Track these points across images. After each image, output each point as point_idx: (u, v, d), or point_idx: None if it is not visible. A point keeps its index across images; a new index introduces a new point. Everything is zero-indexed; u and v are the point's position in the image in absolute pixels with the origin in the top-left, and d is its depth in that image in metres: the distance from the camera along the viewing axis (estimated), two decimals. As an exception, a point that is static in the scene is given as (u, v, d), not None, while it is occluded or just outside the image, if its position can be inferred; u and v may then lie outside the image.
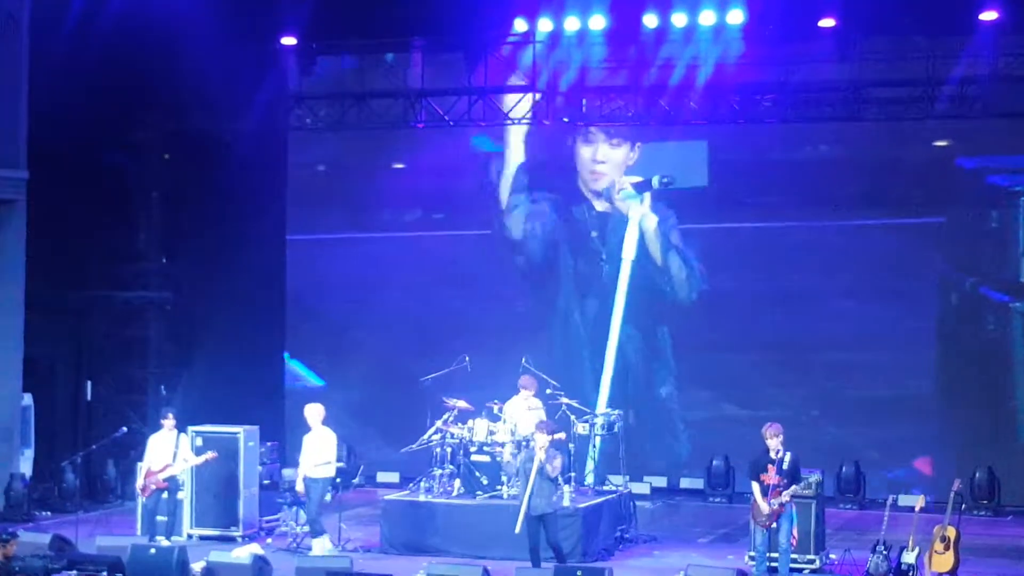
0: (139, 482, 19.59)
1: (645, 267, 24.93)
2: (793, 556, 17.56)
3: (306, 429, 19.44)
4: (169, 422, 19.48)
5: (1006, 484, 22.71)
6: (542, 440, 17.43)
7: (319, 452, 19.19)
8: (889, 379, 23.80)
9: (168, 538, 19.01)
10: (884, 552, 17.41)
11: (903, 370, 23.80)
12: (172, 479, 19.34)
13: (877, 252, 23.78)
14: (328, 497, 19.38)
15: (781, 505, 16.90)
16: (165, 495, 19.30)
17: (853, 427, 23.77)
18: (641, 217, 24.92)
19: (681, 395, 24.88)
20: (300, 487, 19.22)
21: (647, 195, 24.87)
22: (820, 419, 24.00)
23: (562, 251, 25.39)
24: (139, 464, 19.94)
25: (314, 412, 19.38)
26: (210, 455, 19.57)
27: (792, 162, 24.47)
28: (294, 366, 26.39)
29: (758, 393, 24.10)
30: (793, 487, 16.95)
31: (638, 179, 24.90)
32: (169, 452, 19.34)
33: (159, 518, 19.33)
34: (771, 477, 17.03)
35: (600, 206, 25.24)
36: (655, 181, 24.80)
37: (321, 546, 18.89)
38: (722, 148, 24.48)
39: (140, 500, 19.77)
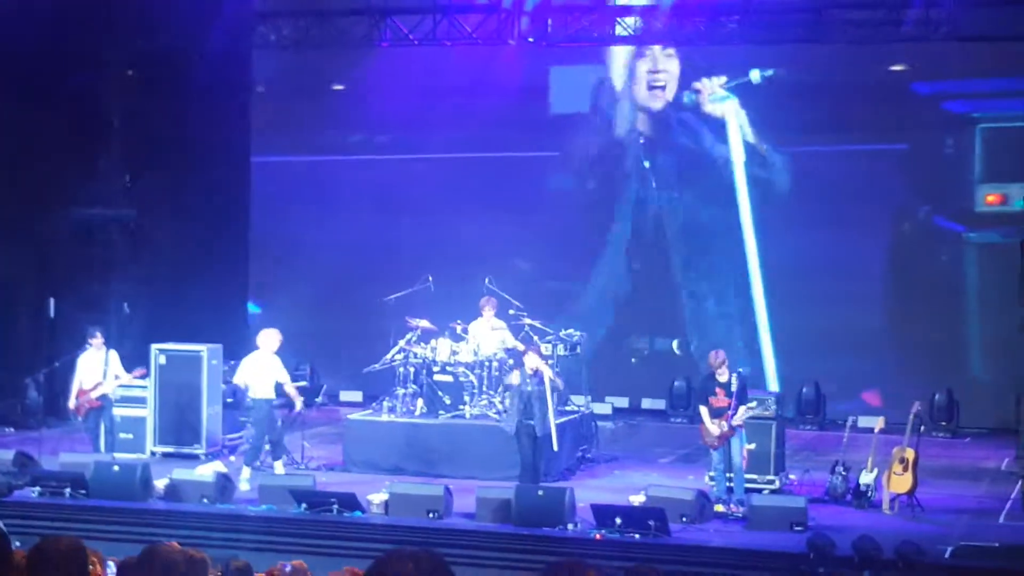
0: (71, 402, 19.52)
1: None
2: (752, 476, 17.73)
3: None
4: (97, 340, 19.41)
5: (964, 408, 22.87)
6: (535, 361, 17.51)
7: (262, 374, 18.77)
8: (840, 309, 23.66)
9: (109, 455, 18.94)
10: (843, 473, 17.61)
11: (855, 300, 23.71)
12: (104, 397, 19.30)
13: (830, 179, 23.71)
14: (279, 422, 19.21)
15: (732, 428, 17.04)
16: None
17: (804, 358, 23.78)
18: (736, 115, 24.34)
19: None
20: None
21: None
22: (770, 348, 24.05)
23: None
24: (71, 385, 19.77)
25: (266, 337, 19.08)
26: (139, 371, 19.52)
27: (748, 86, 24.25)
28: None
29: (711, 321, 24.07)
30: (742, 408, 17.07)
31: (725, 80, 24.27)
32: (99, 371, 19.29)
33: (123, 436, 19.37)
34: (720, 399, 17.14)
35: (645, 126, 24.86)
36: (756, 75, 24.12)
37: (280, 468, 18.73)
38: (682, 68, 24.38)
39: (78, 420, 19.75)
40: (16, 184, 22.79)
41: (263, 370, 18.74)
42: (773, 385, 23.38)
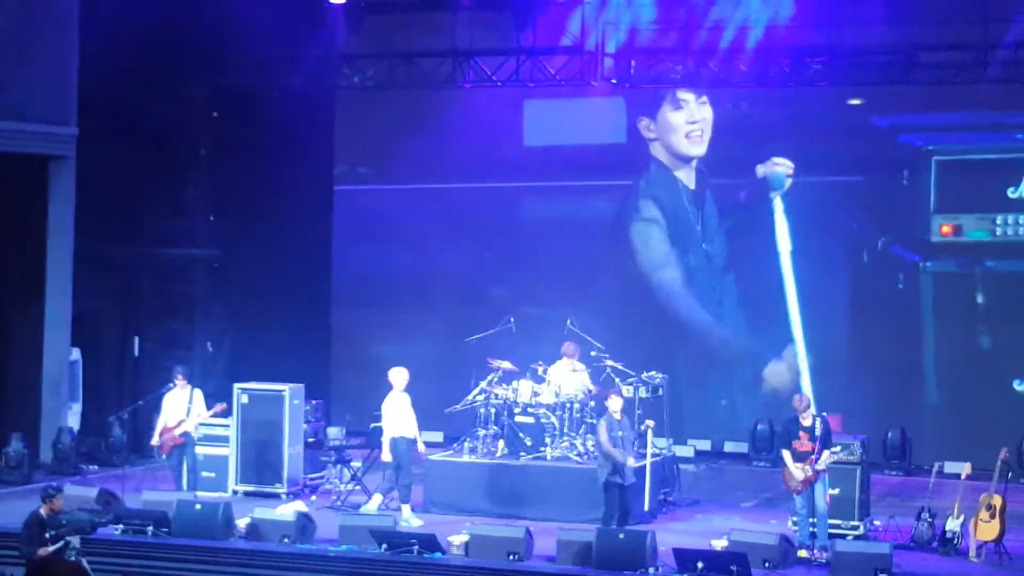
0: (155, 439, 19.65)
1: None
2: (837, 521, 17.54)
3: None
4: (180, 381, 19.55)
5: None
6: (617, 404, 17.54)
7: (401, 414, 18.94)
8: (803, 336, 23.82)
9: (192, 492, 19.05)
10: (929, 519, 17.39)
11: (815, 328, 23.79)
12: (186, 434, 19.42)
13: (790, 211, 23.81)
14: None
15: (815, 472, 16.88)
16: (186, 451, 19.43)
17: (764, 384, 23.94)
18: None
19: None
20: (387, 455, 18.87)
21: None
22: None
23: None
24: (156, 423, 19.97)
25: (399, 375, 19.04)
26: (219, 407, 19.61)
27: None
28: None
29: (659, 354, 23.85)
30: (826, 453, 16.91)
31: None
32: (183, 409, 19.43)
33: (205, 474, 19.49)
34: (803, 443, 17.00)
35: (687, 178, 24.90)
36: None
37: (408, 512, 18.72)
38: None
39: (162, 458, 19.92)
40: (102, 222, 23.03)
41: (399, 408, 18.86)
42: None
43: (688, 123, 24.66)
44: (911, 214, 23.62)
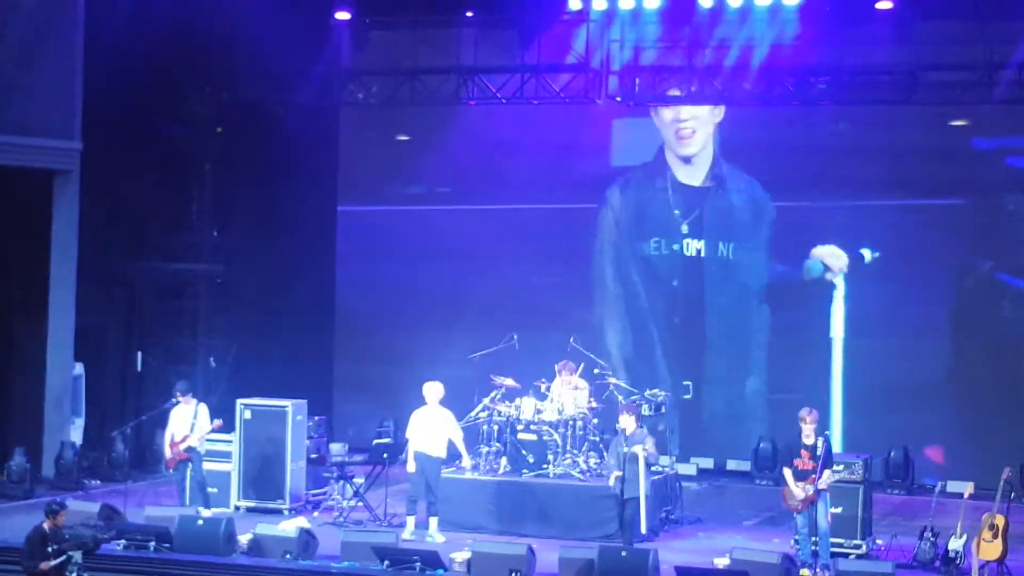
0: (167, 453, 19.63)
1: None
2: (839, 540, 17.53)
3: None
4: (182, 398, 19.43)
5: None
6: (628, 422, 17.42)
7: (437, 430, 18.82)
8: (902, 365, 23.40)
9: (206, 507, 19.04)
10: (932, 539, 17.38)
11: (916, 356, 23.46)
12: (191, 449, 19.38)
13: (893, 235, 23.60)
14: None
15: (816, 491, 16.86)
16: (190, 466, 19.42)
17: (868, 415, 23.49)
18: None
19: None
20: (412, 466, 18.80)
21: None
22: (833, 405, 23.77)
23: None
24: (163, 437, 19.95)
25: (432, 390, 19.06)
26: (216, 423, 19.55)
27: (810, 145, 24.00)
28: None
29: (777, 377, 23.92)
30: (827, 472, 16.90)
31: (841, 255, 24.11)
32: (187, 424, 19.39)
33: (211, 490, 19.47)
34: (805, 462, 16.99)
35: (685, 177, 24.87)
36: (868, 256, 24.01)
37: (434, 527, 18.60)
38: (735, 127, 24.38)
39: (169, 473, 19.93)
40: (106, 237, 23.06)
41: (428, 423, 18.75)
42: (838, 444, 23.12)
43: (675, 121, 24.72)
44: (1016, 240, 23.26)
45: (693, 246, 24.75)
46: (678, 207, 24.80)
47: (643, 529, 17.49)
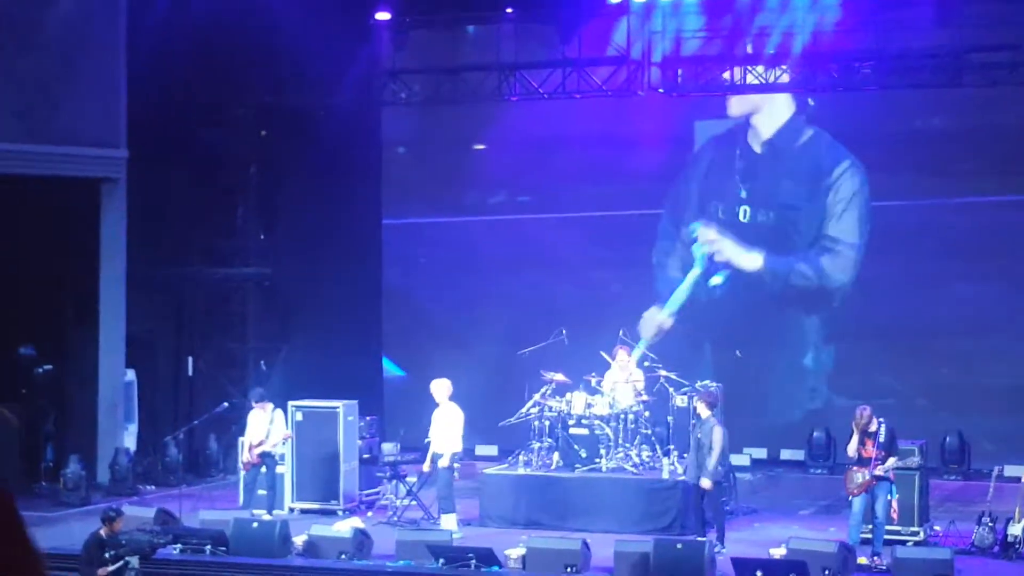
0: (243, 456, 19.78)
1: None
2: (897, 528, 17.43)
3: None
4: (257, 405, 19.66)
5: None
6: (702, 409, 17.75)
7: (445, 427, 19.02)
8: (1007, 368, 23.00)
9: (269, 512, 19.16)
10: (990, 524, 17.25)
11: (999, 356, 23.08)
12: (266, 454, 19.48)
13: (995, 230, 23.09)
14: (456, 474, 19.21)
15: (873, 477, 16.78)
16: (263, 469, 19.50)
17: (966, 417, 22.91)
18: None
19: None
20: (427, 465, 19.06)
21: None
22: (930, 408, 23.29)
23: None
24: (241, 440, 20.23)
25: (440, 387, 19.22)
26: (286, 433, 19.69)
27: (898, 134, 23.71)
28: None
29: (869, 381, 23.46)
30: (891, 459, 16.80)
31: None
32: (263, 429, 19.51)
33: (260, 492, 19.54)
34: (869, 450, 16.91)
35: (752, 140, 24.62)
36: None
37: (448, 523, 18.67)
38: (820, 119, 24.16)
39: (242, 474, 20.06)
40: (153, 244, 23.16)
41: (440, 421, 18.89)
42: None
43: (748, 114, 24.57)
44: None
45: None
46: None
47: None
